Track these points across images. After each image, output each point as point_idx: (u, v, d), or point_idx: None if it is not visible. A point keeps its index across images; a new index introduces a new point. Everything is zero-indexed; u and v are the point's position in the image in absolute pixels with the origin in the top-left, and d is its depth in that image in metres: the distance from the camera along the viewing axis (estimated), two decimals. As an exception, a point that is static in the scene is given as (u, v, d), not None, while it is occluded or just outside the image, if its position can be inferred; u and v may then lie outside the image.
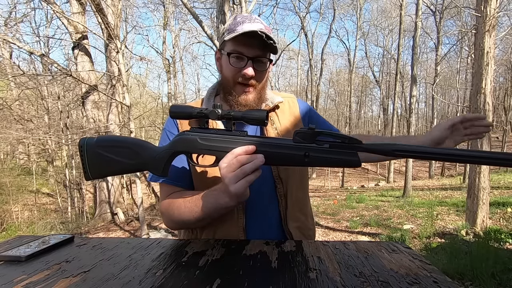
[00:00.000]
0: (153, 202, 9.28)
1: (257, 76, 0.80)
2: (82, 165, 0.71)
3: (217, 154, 0.66)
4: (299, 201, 0.88)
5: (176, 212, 0.77)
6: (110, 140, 0.73)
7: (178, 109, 0.68)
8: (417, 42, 9.37)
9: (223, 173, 0.63)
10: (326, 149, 0.60)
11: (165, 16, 14.97)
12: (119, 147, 0.71)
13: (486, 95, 4.37)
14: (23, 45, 6.30)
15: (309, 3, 18.42)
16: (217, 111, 0.65)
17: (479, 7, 4.42)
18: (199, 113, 0.66)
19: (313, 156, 0.60)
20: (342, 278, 0.54)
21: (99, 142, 0.71)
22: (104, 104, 7.20)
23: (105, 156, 0.70)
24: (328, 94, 31.84)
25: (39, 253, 0.65)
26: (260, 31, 0.73)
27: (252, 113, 0.64)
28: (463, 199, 5.92)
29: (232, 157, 0.62)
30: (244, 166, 0.61)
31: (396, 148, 0.54)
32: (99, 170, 0.72)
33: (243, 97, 0.81)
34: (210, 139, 0.66)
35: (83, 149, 0.70)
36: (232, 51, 0.78)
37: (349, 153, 0.58)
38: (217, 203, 0.69)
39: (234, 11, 6.30)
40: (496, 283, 2.64)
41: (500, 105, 18.86)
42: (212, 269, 0.58)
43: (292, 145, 0.61)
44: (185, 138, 0.68)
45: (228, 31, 0.79)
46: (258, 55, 0.78)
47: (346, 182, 16.10)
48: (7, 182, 8.26)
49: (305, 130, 0.61)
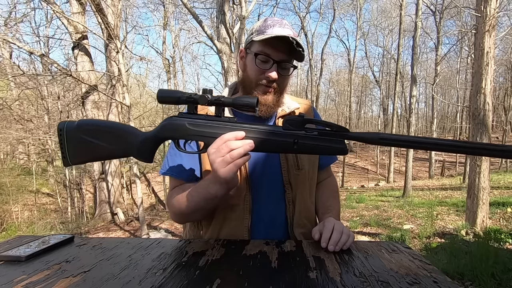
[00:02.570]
0: (153, 202, 9.28)
1: (279, 80, 0.81)
2: (61, 149, 0.67)
3: (206, 140, 0.65)
4: (307, 209, 0.89)
5: (176, 205, 0.79)
6: (93, 124, 0.69)
7: (166, 93, 0.66)
8: (417, 42, 9.36)
9: (212, 158, 0.63)
10: (314, 136, 0.61)
11: (165, 16, 14.97)
12: (102, 131, 0.67)
13: (486, 95, 4.37)
14: (23, 45, 6.30)
15: (309, 3, 18.43)
16: (207, 96, 0.63)
17: (479, 7, 4.42)
18: (188, 98, 0.64)
19: (301, 143, 0.61)
20: (342, 278, 0.54)
21: (80, 126, 0.67)
22: (104, 104, 7.20)
23: (86, 140, 0.66)
24: (328, 94, 31.88)
25: (39, 253, 0.65)
26: (292, 37, 0.74)
27: (242, 99, 0.64)
28: (463, 199, 5.92)
29: (221, 142, 0.62)
30: (233, 151, 0.61)
31: (382, 136, 0.56)
32: (80, 156, 0.68)
33: (264, 97, 0.81)
34: (199, 125, 0.65)
35: (62, 133, 0.66)
36: (259, 51, 0.78)
37: (337, 141, 0.60)
38: (208, 193, 0.69)
39: (234, 11, 6.30)
40: (496, 283, 2.64)
41: (500, 105, 18.86)
42: (212, 269, 0.58)
43: (282, 132, 0.62)
44: (174, 123, 0.66)
45: (258, 32, 0.79)
46: (284, 60, 0.79)
47: (346, 182, 16.09)
48: (7, 182, 8.26)
49: (294, 117, 0.61)
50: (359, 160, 22.96)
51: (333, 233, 0.70)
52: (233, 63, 5.18)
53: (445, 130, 29.29)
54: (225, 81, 5.82)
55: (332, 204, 0.94)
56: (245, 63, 0.85)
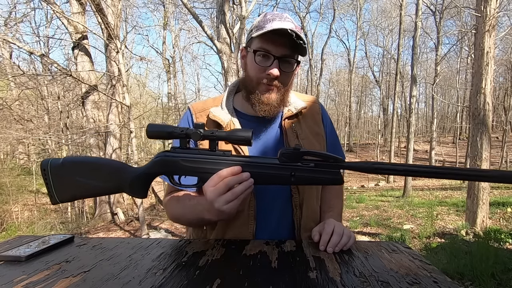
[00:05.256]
0: (153, 202, 9.27)
1: (282, 77, 0.77)
2: (47, 187, 0.65)
3: (201, 175, 0.64)
4: (314, 212, 0.87)
5: (173, 212, 0.80)
6: (79, 161, 0.67)
7: (155, 128, 0.64)
8: (417, 42, 9.36)
9: (210, 197, 0.61)
10: (311, 169, 0.61)
11: (165, 16, 14.97)
12: (90, 169, 0.65)
13: (486, 95, 4.37)
14: (23, 45, 6.29)
15: (309, 3, 18.44)
16: (199, 132, 0.62)
17: (479, 7, 4.42)
18: (180, 134, 0.63)
19: (298, 175, 0.61)
20: (342, 278, 0.54)
21: (65, 165, 0.64)
22: (104, 104, 7.19)
23: (73, 179, 0.64)
24: (328, 94, 31.85)
25: (39, 253, 0.65)
26: (290, 29, 0.70)
27: (236, 133, 0.62)
28: (463, 199, 5.92)
29: (218, 179, 0.61)
30: (235, 189, 0.60)
31: (377, 166, 0.57)
32: (68, 193, 0.66)
33: (266, 96, 0.78)
34: (193, 161, 0.64)
35: (46, 172, 0.64)
36: (258, 48, 0.75)
37: (333, 172, 0.61)
38: (201, 217, 0.70)
39: (234, 11, 6.30)
40: (496, 283, 2.64)
41: (500, 105, 18.85)
42: (212, 269, 0.58)
43: (278, 165, 0.62)
44: (167, 159, 0.65)
45: (257, 28, 0.75)
46: (285, 55, 0.75)
47: (346, 182, 16.08)
48: (7, 182, 8.25)
49: (291, 150, 0.61)
50: (359, 160, 22.93)
51: (333, 235, 0.69)
52: (233, 63, 5.18)
53: (445, 130, 29.28)
54: (225, 81, 5.82)
55: (335, 203, 0.92)
56: (246, 62, 0.82)
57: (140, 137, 12.19)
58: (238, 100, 0.89)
